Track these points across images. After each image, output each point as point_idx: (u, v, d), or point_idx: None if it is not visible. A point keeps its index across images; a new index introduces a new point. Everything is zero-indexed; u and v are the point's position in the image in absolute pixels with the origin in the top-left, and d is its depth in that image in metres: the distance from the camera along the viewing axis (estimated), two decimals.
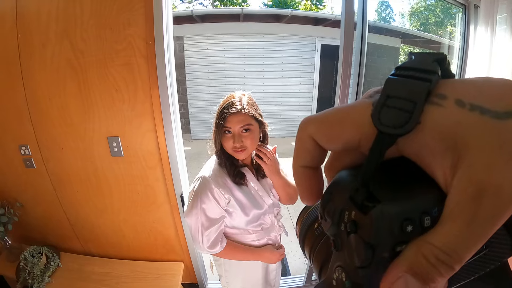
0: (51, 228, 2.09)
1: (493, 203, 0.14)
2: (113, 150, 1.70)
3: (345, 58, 1.58)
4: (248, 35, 6.43)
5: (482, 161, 0.14)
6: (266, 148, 1.16)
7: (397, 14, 6.21)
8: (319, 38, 6.55)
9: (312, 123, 0.20)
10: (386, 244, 0.16)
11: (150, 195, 1.85)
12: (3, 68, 1.58)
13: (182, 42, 6.36)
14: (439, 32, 4.83)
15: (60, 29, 1.46)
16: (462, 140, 0.15)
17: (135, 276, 1.94)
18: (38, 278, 1.80)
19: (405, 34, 5.75)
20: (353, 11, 1.52)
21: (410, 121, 0.16)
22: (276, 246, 1.35)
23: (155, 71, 1.48)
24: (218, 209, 1.14)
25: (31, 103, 1.64)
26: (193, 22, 6.09)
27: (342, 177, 0.20)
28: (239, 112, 1.05)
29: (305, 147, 0.21)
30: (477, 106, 0.15)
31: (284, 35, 6.49)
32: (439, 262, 0.15)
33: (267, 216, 1.26)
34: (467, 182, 0.14)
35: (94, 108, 1.60)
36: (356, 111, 0.19)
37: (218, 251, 1.20)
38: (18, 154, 1.80)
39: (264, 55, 6.61)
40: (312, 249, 0.27)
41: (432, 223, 0.16)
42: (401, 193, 0.17)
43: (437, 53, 0.17)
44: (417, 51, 0.38)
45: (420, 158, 0.17)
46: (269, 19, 6.36)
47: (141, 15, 1.39)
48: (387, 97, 0.17)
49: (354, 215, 0.17)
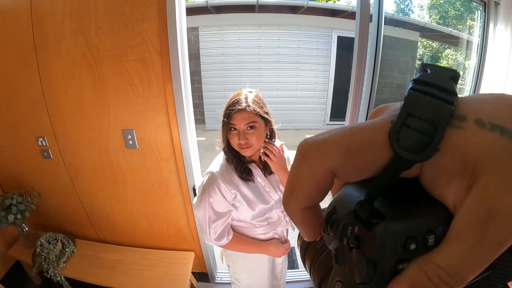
0: (67, 216, 2.17)
1: (501, 228, 0.14)
2: (128, 143, 1.75)
3: (360, 51, 1.55)
4: (263, 26, 6.34)
5: (496, 184, 0.14)
6: (272, 145, 1.17)
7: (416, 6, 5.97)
8: (336, 30, 6.40)
9: (333, 152, 0.16)
10: (388, 261, 0.16)
11: (163, 187, 1.90)
12: (20, 63, 1.64)
13: (197, 33, 6.35)
14: (458, 27, 4.63)
15: (75, 25, 1.49)
16: (482, 161, 0.14)
17: (147, 264, 2.01)
18: (54, 264, 1.87)
19: (423, 27, 5.54)
20: (368, 2, 1.49)
21: (429, 148, 0.15)
22: (282, 241, 1.37)
23: (169, 66, 1.51)
24: (224, 204, 1.17)
25: (48, 96, 1.70)
26: (208, 12, 6.06)
27: (347, 191, 0.19)
28: (244, 110, 1.07)
29: (318, 185, 0.17)
30: (497, 126, 0.14)
31: (300, 26, 6.37)
32: (441, 282, 0.14)
33: (274, 211, 1.29)
34: (477, 204, 0.14)
35: (109, 101, 1.65)
36: (384, 129, 0.17)
37: (224, 243, 1.23)
38: (35, 145, 1.87)
39: (280, 47, 6.52)
40: (313, 262, 0.26)
41: (436, 242, 0.16)
42: (406, 211, 0.17)
43: (452, 70, 0.17)
44: (429, 62, 0.36)
45: (436, 181, 0.17)
46: (285, 10, 6.24)
47: (154, 11, 1.41)
48: (407, 114, 0.16)
49: (358, 230, 0.17)
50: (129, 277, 1.90)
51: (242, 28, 6.40)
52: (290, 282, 2.28)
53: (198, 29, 6.33)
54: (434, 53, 5.71)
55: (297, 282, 2.32)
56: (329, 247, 0.20)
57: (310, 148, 0.17)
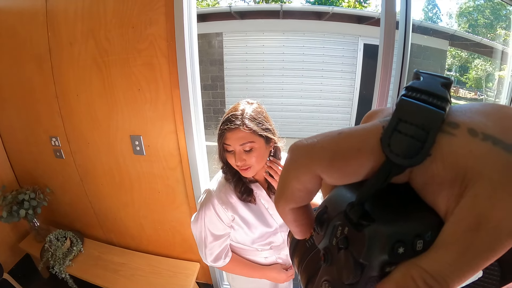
0: (77, 215, 2.22)
1: (490, 237, 0.13)
2: (136, 149, 1.73)
3: (385, 60, 1.44)
4: (287, 32, 6.29)
5: (487, 193, 0.14)
6: (277, 165, 1.04)
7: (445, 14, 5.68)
8: (362, 37, 6.22)
9: (320, 158, 0.17)
10: (376, 264, 0.16)
11: (170, 195, 1.87)
12: (37, 64, 1.69)
13: (222, 38, 6.40)
14: (488, 35, 4.33)
15: (86, 28, 1.50)
16: (473, 170, 0.14)
17: (150, 270, 2.00)
18: (60, 261, 1.91)
19: (453, 36, 5.24)
20: (394, 8, 1.38)
21: (421, 153, 0.15)
22: (286, 266, 1.25)
23: (176, 71, 1.46)
24: (221, 226, 1.07)
25: (61, 98, 1.73)
26: (232, 18, 6.09)
27: (339, 192, 0.19)
28: (238, 129, 0.94)
29: (305, 188, 0.18)
30: (489, 136, 0.14)
31: (325, 33, 6.25)
32: (427, 286, 0.14)
33: (279, 234, 1.17)
34: (468, 212, 0.14)
35: (118, 106, 1.64)
36: (374, 136, 0.16)
37: (221, 265, 1.14)
38: (49, 144, 1.93)
39: (304, 54, 6.42)
40: (302, 260, 0.26)
41: (424, 247, 0.15)
42: (396, 214, 0.17)
43: (444, 77, 0.17)
44: (423, 70, 0.29)
45: (427, 187, 0.16)
46: (310, 16, 6.15)
47: (162, 15, 1.37)
48: (398, 120, 0.16)
49: (347, 231, 0.17)
50: (132, 282, 1.90)
51: (266, 34, 6.38)
52: None
53: (222, 34, 6.38)
54: (463, 63, 5.39)
55: None
56: (318, 246, 0.20)
57: (298, 152, 0.17)
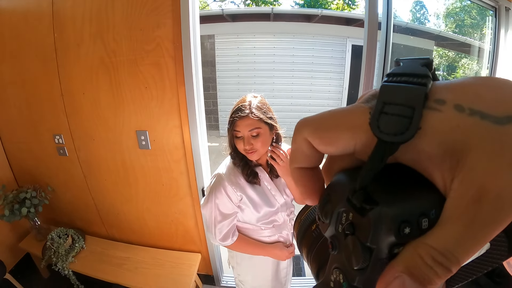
0: (79, 212, 2.25)
1: (494, 208, 0.14)
2: (141, 143, 1.81)
3: (368, 59, 1.55)
4: (278, 34, 6.40)
5: (484, 165, 0.14)
6: (279, 150, 1.19)
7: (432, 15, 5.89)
8: (350, 39, 6.40)
9: (307, 126, 0.20)
10: (384, 246, 0.16)
11: (173, 187, 1.95)
12: (42, 64, 1.74)
13: (213, 40, 6.46)
14: (474, 35, 4.52)
15: (94, 30, 1.58)
16: (462, 144, 0.15)
17: (154, 263, 2.05)
18: (62, 258, 1.94)
19: (438, 36, 5.46)
20: (377, 10, 1.49)
21: (410, 128, 0.15)
22: (287, 244, 1.39)
23: (182, 70, 1.57)
24: (230, 205, 1.20)
25: (66, 97, 1.79)
26: (224, 21, 6.18)
27: (340, 179, 0.20)
28: (247, 116, 1.10)
29: (300, 149, 0.21)
30: (477, 111, 0.15)
31: (315, 35, 6.39)
32: (435, 263, 0.15)
33: (280, 214, 1.31)
34: (468, 185, 0.14)
35: (124, 103, 1.72)
36: (353, 116, 0.18)
37: (229, 243, 1.26)
38: (52, 142, 1.97)
39: (294, 55, 6.55)
40: (310, 250, 0.27)
41: (430, 225, 0.16)
42: (399, 195, 0.17)
43: (423, 58, 0.18)
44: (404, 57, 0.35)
45: (417, 163, 0.17)
46: (300, 19, 6.29)
47: (169, 19, 1.48)
48: (383, 104, 0.17)
49: (352, 217, 0.17)
50: (135, 274, 1.95)
51: (257, 36, 6.47)
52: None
53: (214, 36, 6.44)
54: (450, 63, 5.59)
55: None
56: (325, 235, 0.20)
57: (298, 124, 0.21)
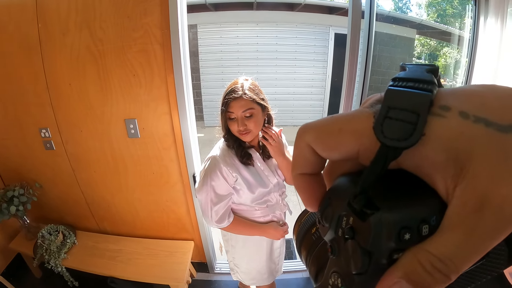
0: (68, 207, 2.21)
1: (496, 217, 0.13)
2: (130, 132, 1.80)
3: (352, 47, 1.60)
4: (261, 23, 6.38)
5: (487, 173, 0.14)
6: (271, 130, 1.23)
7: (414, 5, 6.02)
8: (333, 27, 6.44)
9: (310, 132, 0.20)
10: (383, 251, 0.16)
11: (164, 175, 1.95)
12: (25, 56, 1.68)
13: (196, 30, 6.38)
14: (455, 24, 4.67)
15: (80, 19, 1.55)
16: (466, 151, 0.14)
17: (147, 253, 2.05)
18: (55, 255, 1.91)
19: (420, 25, 5.61)
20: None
21: (414, 133, 0.15)
22: (280, 224, 1.43)
23: (170, 57, 1.56)
24: (226, 186, 1.23)
25: (52, 89, 1.74)
26: (207, 10, 6.09)
27: (341, 183, 0.20)
28: (241, 97, 1.13)
29: (302, 155, 0.21)
30: (481, 119, 0.14)
31: (298, 23, 6.41)
32: (435, 270, 0.15)
33: (272, 194, 1.35)
34: (470, 193, 0.14)
35: (113, 92, 1.70)
36: (356, 121, 0.18)
37: (225, 225, 1.29)
38: (38, 137, 1.91)
39: (277, 44, 6.55)
40: (309, 253, 0.27)
41: (430, 232, 0.16)
42: (400, 201, 0.17)
43: (430, 64, 0.18)
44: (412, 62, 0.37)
45: (419, 169, 0.17)
46: (283, 8, 6.27)
47: (157, 5, 1.46)
48: (388, 108, 0.17)
49: (352, 221, 0.17)
50: (129, 266, 1.95)
51: (240, 25, 6.43)
52: (288, 272, 2.33)
53: (196, 26, 6.35)
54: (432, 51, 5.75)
55: (295, 272, 2.37)
56: (325, 238, 0.20)
57: (300, 129, 0.21)
